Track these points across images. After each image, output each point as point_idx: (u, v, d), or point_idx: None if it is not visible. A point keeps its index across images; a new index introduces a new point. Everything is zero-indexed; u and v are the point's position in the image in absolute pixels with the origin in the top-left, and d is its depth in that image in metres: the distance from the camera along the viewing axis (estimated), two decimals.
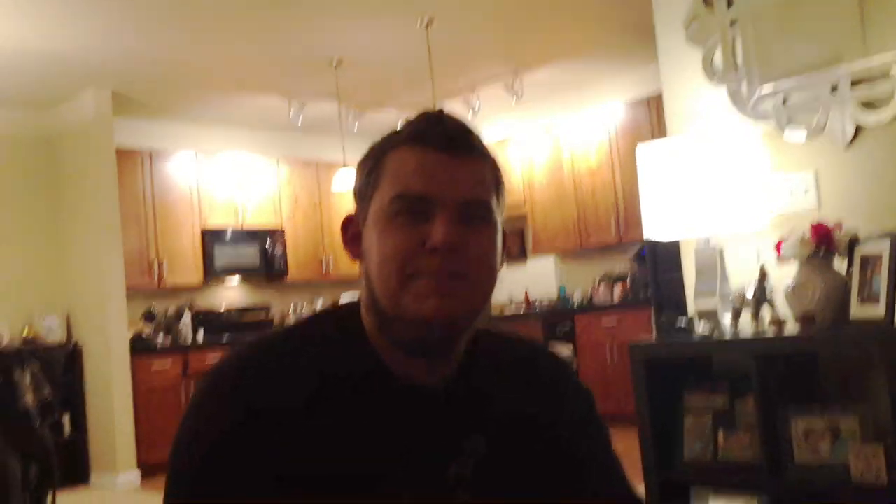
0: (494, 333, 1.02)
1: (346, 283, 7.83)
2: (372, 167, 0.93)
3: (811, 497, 2.31)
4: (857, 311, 2.22)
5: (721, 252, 2.57)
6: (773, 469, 2.27)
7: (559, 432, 0.99)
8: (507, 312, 7.10)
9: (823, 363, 2.46)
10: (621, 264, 6.64)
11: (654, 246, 5.34)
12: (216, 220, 6.89)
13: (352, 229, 0.97)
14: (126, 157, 6.31)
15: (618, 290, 6.49)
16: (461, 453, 0.92)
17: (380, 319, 0.91)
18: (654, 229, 2.64)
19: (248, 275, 7.12)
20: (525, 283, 7.22)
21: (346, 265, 7.63)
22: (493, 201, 0.93)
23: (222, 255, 6.84)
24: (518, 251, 7.50)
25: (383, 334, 0.92)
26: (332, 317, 0.96)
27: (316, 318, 0.97)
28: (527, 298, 7.23)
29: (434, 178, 0.89)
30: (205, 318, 6.79)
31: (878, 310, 2.13)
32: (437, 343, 0.90)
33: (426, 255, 0.88)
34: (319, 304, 7.54)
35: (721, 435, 2.46)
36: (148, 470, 5.76)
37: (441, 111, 0.94)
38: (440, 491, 0.90)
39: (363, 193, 0.94)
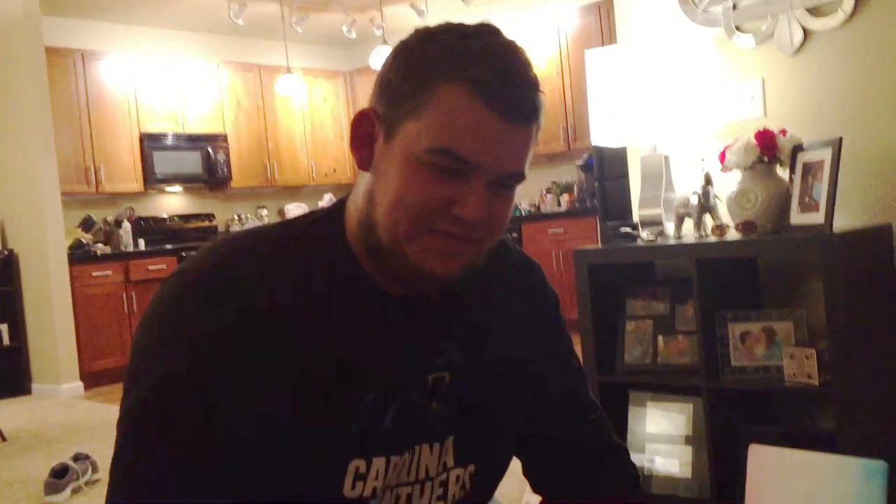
0: None
1: (293, 191, 7.72)
2: (419, 87, 0.80)
3: (745, 398, 2.39)
4: (797, 217, 2.24)
5: (666, 159, 2.57)
6: (710, 372, 2.32)
7: (530, 338, 0.99)
8: None
9: (762, 269, 2.51)
10: (569, 173, 6.65)
11: (602, 153, 5.34)
12: (155, 126, 6.67)
13: (366, 127, 0.85)
14: (57, 58, 6.03)
15: (565, 198, 6.51)
16: (439, 366, 0.90)
17: (373, 244, 0.84)
18: (602, 136, 2.62)
19: (190, 182, 6.95)
20: None
21: (292, 173, 7.51)
22: (527, 167, 0.85)
23: (163, 162, 6.65)
24: None
25: (371, 254, 0.86)
26: (313, 220, 0.90)
27: (295, 221, 0.90)
28: None
29: (485, 146, 0.79)
30: (146, 226, 6.66)
31: (818, 217, 2.16)
32: (427, 288, 0.87)
33: (448, 217, 0.81)
34: (265, 213, 7.44)
35: (661, 340, 2.51)
36: (91, 379, 5.71)
37: (510, 51, 0.82)
38: (420, 402, 0.89)
39: (395, 102, 0.82)
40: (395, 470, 0.87)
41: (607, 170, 5.31)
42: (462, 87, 0.78)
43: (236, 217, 7.28)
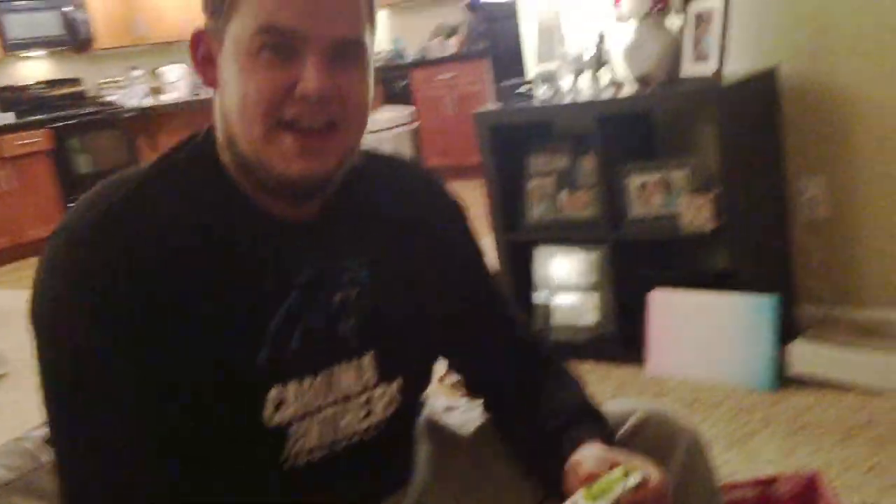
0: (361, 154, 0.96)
1: (164, 48, 7.28)
2: None
3: (645, 245, 2.50)
4: (689, 68, 2.28)
5: (560, 13, 2.53)
6: (611, 223, 2.41)
7: (438, 249, 0.98)
8: None
9: (658, 120, 2.57)
10: (455, 13, 6.47)
11: None
12: None
13: (203, 48, 0.85)
14: None
15: (453, 41, 6.37)
16: (344, 284, 0.90)
17: (240, 160, 0.84)
18: None
19: (51, 45, 6.42)
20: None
21: (164, 27, 7.04)
22: (368, 37, 0.83)
23: (16, 25, 6.10)
24: None
25: (244, 174, 0.85)
26: (187, 154, 0.88)
27: (169, 158, 0.88)
28: None
29: (305, 11, 0.78)
30: (11, 97, 6.19)
31: (709, 66, 2.20)
32: (305, 193, 0.85)
33: (295, 102, 0.79)
34: (138, 73, 7.01)
35: (563, 195, 2.57)
36: None
37: None
38: (327, 322, 0.89)
39: (216, 10, 0.82)
40: (311, 393, 0.88)
41: (494, 9, 5.19)
42: None
43: (107, 80, 6.85)
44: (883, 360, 2.06)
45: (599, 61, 2.44)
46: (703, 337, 2.27)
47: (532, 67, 2.62)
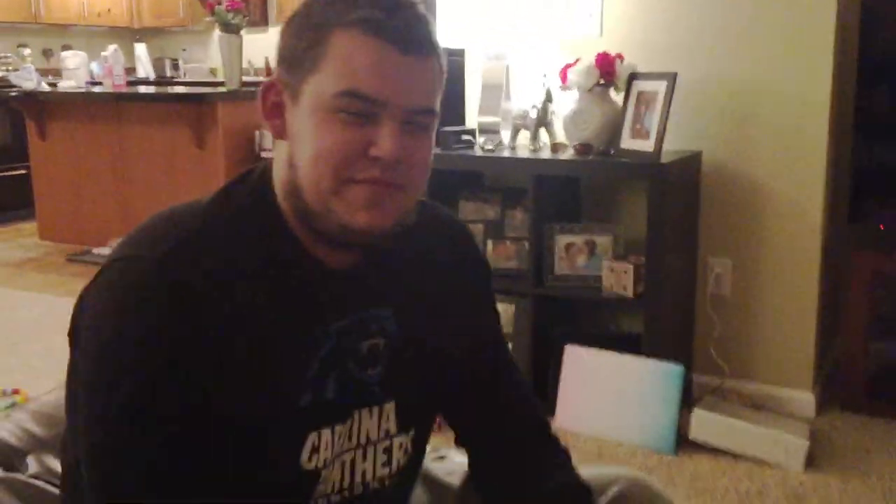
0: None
1: (61, 30, 6.95)
2: (313, 41, 0.82)
3: (566, 303, 2.61)
4: (628, 142, 2.42)
5: (507, 69, 2.63)
6: (535, 278, 2.51)
7: (463, 308, 1.02)
8: (247, 79, 6.75)
9: (590, 185, 2.70)
10: None
11: None
12: None
13: (271, 98, 0.87)
14: None
15: None
16: (373, 332, 0.93)
17: (301, 209, 0.86)
18: (447, 36, 2.63)
19: None
20: (266, 51, 6.88)
21: (61, 9, 6.72)
22: (438, 105, 0.88)
23: None
24: (260, 16, 7.08)
25: (302, 222, 0.87)
26: (249, 198, 0.89)
27: (230, 198, 0.89)
28: (267, 68, 6.93)
29: (388, 81, 0.81)
30: None
31: (648, 144, 2.34)
32: (362, 245, 0.89)
33: (367, 161, 0.82)
34: (27, 52, 6.65)
35: (490, 244, 2.65)
36: None
37: None
38: (355, 369, 0.91)
39: (295, 64, 0.84)
40: (339, 439, 0.91)
41: None
42: (354, 29, 0.81)
43: None
44: (773, 434, 2.24)
45: (541, 121, 2.55)
46: (612, 396, 2.38)
47: (476, 117, 2.69)
